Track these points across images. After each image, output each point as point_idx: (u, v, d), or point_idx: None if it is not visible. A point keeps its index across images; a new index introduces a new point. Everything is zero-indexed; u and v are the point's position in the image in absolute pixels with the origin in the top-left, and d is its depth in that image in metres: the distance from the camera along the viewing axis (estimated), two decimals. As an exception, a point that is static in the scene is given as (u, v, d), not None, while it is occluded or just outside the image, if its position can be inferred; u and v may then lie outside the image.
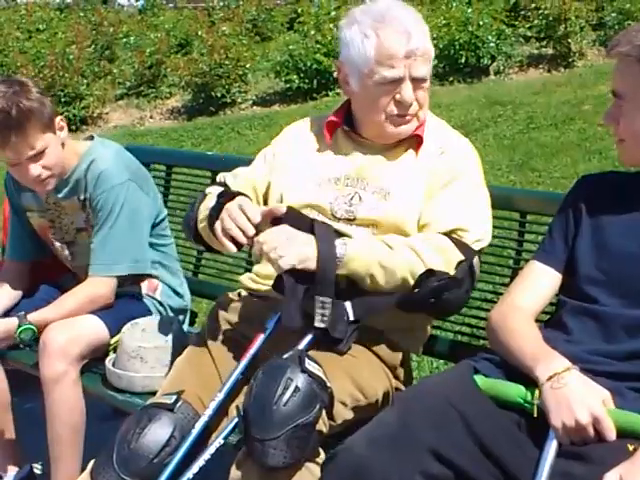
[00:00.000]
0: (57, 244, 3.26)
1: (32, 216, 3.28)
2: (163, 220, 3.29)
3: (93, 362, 3.03)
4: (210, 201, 2.58)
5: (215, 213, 2.49)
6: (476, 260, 2.50)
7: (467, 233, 2.49)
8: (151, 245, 3.22)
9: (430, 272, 2.38)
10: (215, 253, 2.79)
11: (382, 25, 2.51)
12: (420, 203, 2.53)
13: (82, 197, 3.11)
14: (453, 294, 2.43)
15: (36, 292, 3.31)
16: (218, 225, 2.45)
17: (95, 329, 3.01)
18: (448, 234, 2.47)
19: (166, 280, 3.28)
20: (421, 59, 2.51)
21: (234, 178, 2.77)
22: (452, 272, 2.42)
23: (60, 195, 3.14)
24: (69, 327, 2.95)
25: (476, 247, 2.50)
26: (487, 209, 2.60)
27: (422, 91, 2.56)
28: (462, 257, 2.45)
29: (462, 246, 2.46)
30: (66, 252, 3.25)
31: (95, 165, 3.06)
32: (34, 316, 3.02)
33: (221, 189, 2.64)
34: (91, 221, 3.11)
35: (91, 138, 3.24)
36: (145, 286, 3.23)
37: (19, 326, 2.98)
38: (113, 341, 3.04)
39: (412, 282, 2.41)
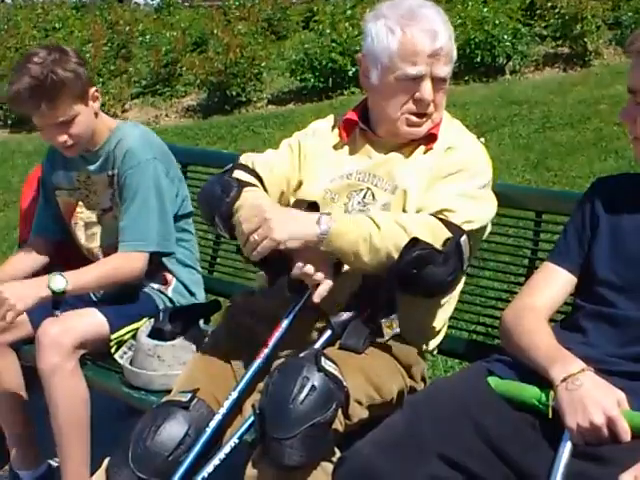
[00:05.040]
0: (80, 223, 3.28)
1: (60, 194, 3.32)
2: (188, 215, 3.31)
3: (103, 357, 3.04)
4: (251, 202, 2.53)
5: None
6: (465, 240, 2.40)
7: (454, 214, 2.43)
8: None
9: (414, 241, 2.32)
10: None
11: (409, 22, 2.53)
12: None
13: (111, 173, 3.16)
14: (437, 269, 2.34)
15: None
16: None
17: (92, 322, 3.00)
18: (435, 215, 2.43)
19: (181, 277, 3.28)
20: (444, 59, 2.53)
21: (269, 172, 2.71)
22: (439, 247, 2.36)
23: (92, 168, 3.20)
24: (62, 320, 2.96)
25: (465, 227, 2.44)
26: (484, 197, 2.55)
27: (441, 92, 2.58)
28: (449, 235, 2.38)
29: (449, 225, 2.40)
30: (89, 232, 3.27)
31: (123, 142, 3.12)
32: (65, 274, 3.00)
33: (250, 180, 2.62)
34: (116, 199, 3.15)
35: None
36: (158, 281, 3.24)
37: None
38: (114, 336, 3.04)
39: (396, 257, 2.35)
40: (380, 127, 2.66)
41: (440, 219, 2.41)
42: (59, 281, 2.92)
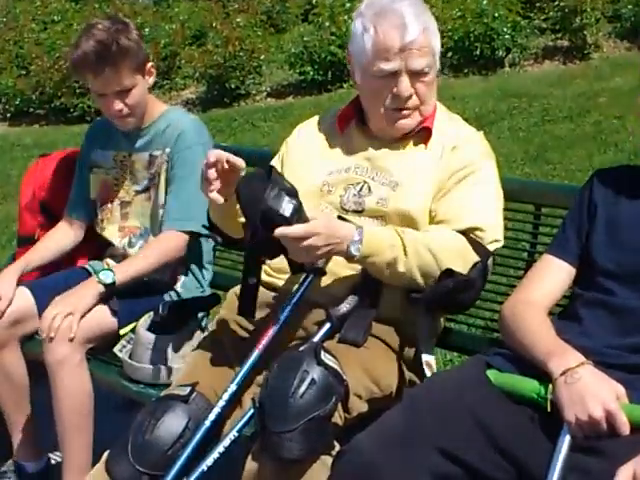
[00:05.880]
0: (116, 202, 3.31)
1: (98, 172, 3.35)
2: None
3: (104, 351, 3.05)
4: None
5: None
6: (490, 261, 2.53)
7: (484, 233, 2.51)
8: None
9: (449, 272, 2.41)
10: (232, 245, 2.79)
11: (380, 18, 2.53)
12: (429, 196, 2.55)
13: (155, 153, 3.20)
14: (465, 295, 2.47)
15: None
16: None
17: (101, 315, 3.02)
18: (465, 233, 2.48)
19: (195, 271, 3.30)
20: (418, 52, 2.52)
21: None
22: (466, 273, 2.44)
23: (136, 146, 3.24)
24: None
25: (491, 248, 2.53)
26: (501, 207, 2.61)
27: (422, 85, 2.57)
28: (477, 258, 2.46)
29: (478, 247, 2.49)
30: (123, 211, 3.30)
31: (177, 124, 3.19)
32: (113, 267, 3.08)
33: None
34: (156, 180, 3.19)
35: None
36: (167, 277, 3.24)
37: (96, 273, 3.02)
38: (123, 331, 3.06)
39: (421, 280, 2.44)
40: (371, 123, 2.68)
41: (469, 239, 2.48)
42: (108, 275, 2.99)
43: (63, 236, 3.39)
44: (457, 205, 2.53)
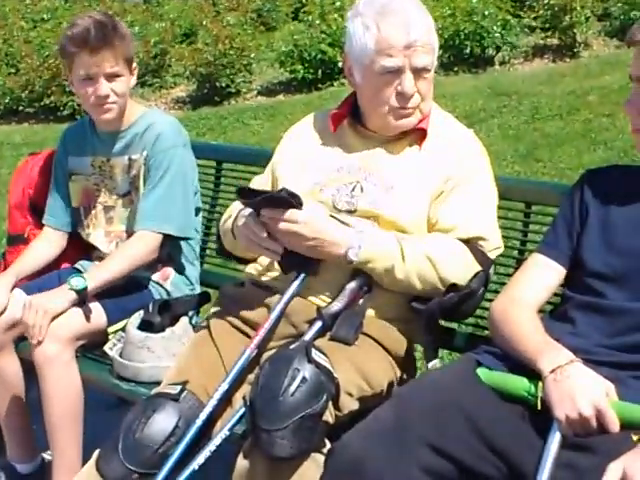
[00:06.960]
0: (99, 207, 3.28)
1: (77, 179, 3.31)
2: (196, 212, 3.31)
3: (94, 349, 3.05)
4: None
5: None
6: (491, 269, 2.56)
7: (487, 242, 2.54)
8: None
9: (453, 287, 2.44)
10: (245, 263, 2.82)
11: (382, 17, 2.52)
12: (424, 202, 2.55)
13: (134, 157, 3.17)
14: (469, 303, 2.51)
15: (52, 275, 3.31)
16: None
17: (90, 313, 2.99)
18: (468, 241, 2.51)
19: (182, 269, 3.29)
20: (422, 49, 2.52)
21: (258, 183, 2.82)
22: (468, 282, 2.47)
23: (114, 150, 3.20)
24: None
25: (493, 255, 2.56)
26: (495, 200, 2.65)
27: (424, 82, 2.57)
28: (479, 267, 2.49)
29: (481, 256, 2.52)
30: (107, 215, 3.28)
31: (155, 126, 3.15)
32: (85, 275, 3.04)
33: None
34: (136, 183, 3.16)
35: None
36: (157, 274, 3.23)
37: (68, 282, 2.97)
38: (112, 329, 3.04)
39: (420, 287, 2.47)
40: (370, 121, 2.67)
41: (472, 248, 2.51)
42: (79, 281, 2.95)
43: (47, 245, 3.35)
44: (460, 214, 2.54)
